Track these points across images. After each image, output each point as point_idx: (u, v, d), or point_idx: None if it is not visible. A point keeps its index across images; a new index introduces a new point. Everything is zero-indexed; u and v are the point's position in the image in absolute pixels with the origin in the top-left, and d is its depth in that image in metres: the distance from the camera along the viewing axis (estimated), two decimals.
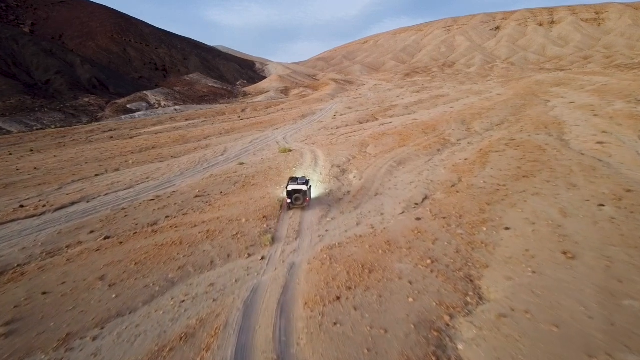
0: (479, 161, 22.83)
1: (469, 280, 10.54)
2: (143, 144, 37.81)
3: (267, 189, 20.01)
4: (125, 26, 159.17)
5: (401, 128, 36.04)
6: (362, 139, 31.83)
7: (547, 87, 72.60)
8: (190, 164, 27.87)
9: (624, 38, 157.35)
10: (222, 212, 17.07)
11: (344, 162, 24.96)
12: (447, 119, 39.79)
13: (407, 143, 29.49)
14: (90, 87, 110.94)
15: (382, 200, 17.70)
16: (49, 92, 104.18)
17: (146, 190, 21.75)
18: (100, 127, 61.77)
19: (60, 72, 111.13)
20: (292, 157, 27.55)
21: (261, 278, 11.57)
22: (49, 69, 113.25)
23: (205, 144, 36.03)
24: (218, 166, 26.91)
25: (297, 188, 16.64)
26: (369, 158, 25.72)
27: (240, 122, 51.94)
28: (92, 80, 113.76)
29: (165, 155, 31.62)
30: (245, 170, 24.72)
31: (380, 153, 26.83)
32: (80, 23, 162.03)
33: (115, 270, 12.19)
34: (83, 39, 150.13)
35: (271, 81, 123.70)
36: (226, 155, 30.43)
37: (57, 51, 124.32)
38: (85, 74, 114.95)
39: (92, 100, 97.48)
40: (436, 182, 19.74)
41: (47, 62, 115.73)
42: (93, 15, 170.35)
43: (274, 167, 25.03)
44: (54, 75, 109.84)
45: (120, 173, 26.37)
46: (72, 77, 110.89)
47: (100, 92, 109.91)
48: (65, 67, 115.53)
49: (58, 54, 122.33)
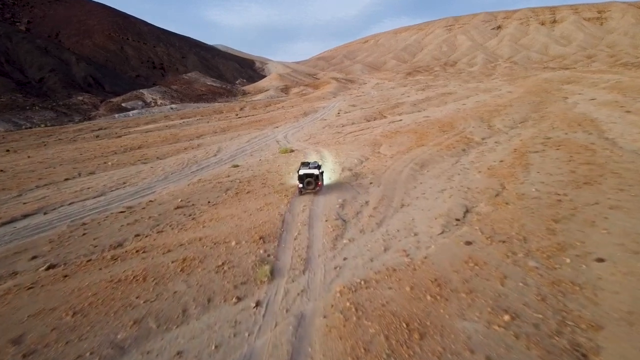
0: (518, 163, 18.87)
1: (581, 356, 6.59)
2: (129, 143, 33.78)
3: (265, 198, 16.02)
4: (123, 24, 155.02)
5: (415, 126, 32.06)
6: (373, 138, 27.84)
7: (557, 84, 68.72)
8: (177, 166, 23.83)
9: (628, 37, 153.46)
10: (206, 229, 13.07)
11: (355, 165, 20.96)
12: (462, 116, 35.84)
13: (425, 142, 25.51)
14: (85, 86, 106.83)
15: (412, 214, 13.72)
16: (42, 90, 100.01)
17: (119, 198, 17.75)
18: (91, 126, 57.67)
19: (55, 70, 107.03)
20: (294, 159, 23.54)
21: (254, 343, 7.58)
22: (43, 67, 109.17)
23: (197, 143, 32.00)
24: (209, 169, 22.90)
25: (309, 172, 15.65)
26: (384, 159, 21.73)
27: (237, 120, 47.90)
28: (88, 78, 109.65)
29: (151, 156, 27.59)
30: (239, 174, 20.71)
31: (396, 154, 22.83)
32: (78, 21, 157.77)
33: (42, 326, 8.19)
34: (80, 37, 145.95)
35: (271, 80, 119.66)
36: (219, 156, 26.41)
37: (52, 49, 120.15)
38: (80, 72, 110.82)
39: (86, 99, 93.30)
40: (474, 189, 15.75)
41: (41, 60, 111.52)
42: (90, 13, 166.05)
43: (273, 170, 21.03)
44: (48, 73, 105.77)
45: (94, 177, 22.33)
46: (66, 75, 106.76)
47: (96, 90, 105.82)
48: (60, 65, 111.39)
49: (53, 52, 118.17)
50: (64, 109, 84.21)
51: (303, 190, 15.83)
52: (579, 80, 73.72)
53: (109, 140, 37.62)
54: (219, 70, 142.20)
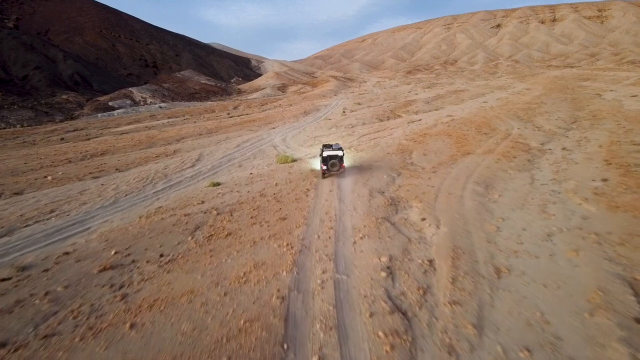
0: (635, 185, 12.33)
1: None
2: (93, 148, 26.88)
3: (255, 251, 9.31)
4: (114, 21, 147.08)
5: (444, 127, 25.39)
6: (398, 143, 21.11)
7: (573, 81, 62.58)
8: (138, 182, 16.99)
9: (630, 35, 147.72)
10: (134, 336, 6.40)
11: (387, 184, 14.25)
12: (495, 115, 29.29)
13: (469, 148, 18.89)
14: (71, 84, 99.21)
15: (526, 295, 7.10)
16: (25, 88, 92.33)
17: (24, 244, 10.94)
18: (67, 126, 50.50)
19: (40, 67, 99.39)
20: (298, 173, 16.81)
21: None
22: (28, 64, 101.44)
23: (175, 148, 25.11)
24: (179, 188, 16.08)
25: (333, 154, 15.01)
26: (425, 175, 15.03)
27: (228, 120, 40.99)
28: (74, 76, 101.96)
29: (110, 166, 20.71)
30: (219, 199, 13.91)
31: (438, 166, 16.15)
32: (68, 18, 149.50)
33: None
34: (70, 35, 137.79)
35: (267, 78, 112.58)
36: (197, 167, 19.56)
37: (38, 45, 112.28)
38: (67, 70, 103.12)
39: (71, 98, 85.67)
40: (604, 235, 9.17)
41: (26, 57, 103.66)
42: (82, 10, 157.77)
43: (269, 192, 14.27)
44: (32, 70, 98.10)
45: (16, 200, 15.46)
46: (52, 73, 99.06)
47: (83, 88, 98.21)
48: (45, 63, 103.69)
49: (39, 49, 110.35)
50: (45, 108, 76.63)
51: (327, 172, 15.20)
52: (595, 77, 68.09)
53: (74, 144, 30.66)
54: (213, 68, 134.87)
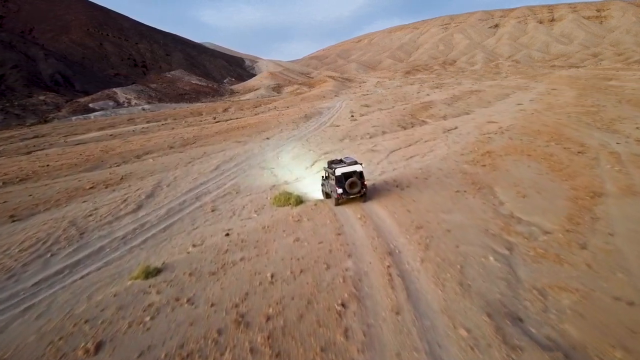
0: None
1: None
2: (17, 169, 18.89)
3: None
4: (102, 19, 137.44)
5: (505, 140, 17.75)
6: (457, 168, 13.47)
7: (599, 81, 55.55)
8: (16, 258, 9.16)
9: (631, 35, 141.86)
10: None
11: (506, 285, 6.65)
12: (557, 122, 21.82)
13: (585, 182, 11.36)
14: (52, 84, 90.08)
15: None
16: None
17: None
18: (28, 132, 42.17)
19: (18, 66, 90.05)
20: (311, 231, 9.09)
21: None
22: (5, 62, 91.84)
23: (126, 172, 17.19)
24: (74, 277, 8.26)
25: (349, 170, 9.69)
26: (571, 257, 7.46)
27: (213, 126, 33.05)
28: (55, 76, 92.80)
29: (6, 210, 12.82)
30: (138, 334, 6.19)
31: (573, 228, 8.58)
32: (54, 16, 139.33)
33: None
34: (56, 33, 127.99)
35: (262, 78, 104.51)
36: (144, 213, 11.68)
37: (18, 43, 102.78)
38: (47, 69, 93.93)
39: (48, 99, 76.79)
40: None
41: (3, 56, 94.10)
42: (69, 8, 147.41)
43: (259, 315, 6.53)
44: (9, 69, 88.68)
45: None
46: (31, 73, 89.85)
47: (64, 89, 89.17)
48: (24, 61, 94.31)
49: (18, 47, 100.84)
50: (17, 110, 67.98)
51: (344, 196, 9.69)
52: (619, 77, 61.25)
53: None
54: (205, 68, 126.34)
